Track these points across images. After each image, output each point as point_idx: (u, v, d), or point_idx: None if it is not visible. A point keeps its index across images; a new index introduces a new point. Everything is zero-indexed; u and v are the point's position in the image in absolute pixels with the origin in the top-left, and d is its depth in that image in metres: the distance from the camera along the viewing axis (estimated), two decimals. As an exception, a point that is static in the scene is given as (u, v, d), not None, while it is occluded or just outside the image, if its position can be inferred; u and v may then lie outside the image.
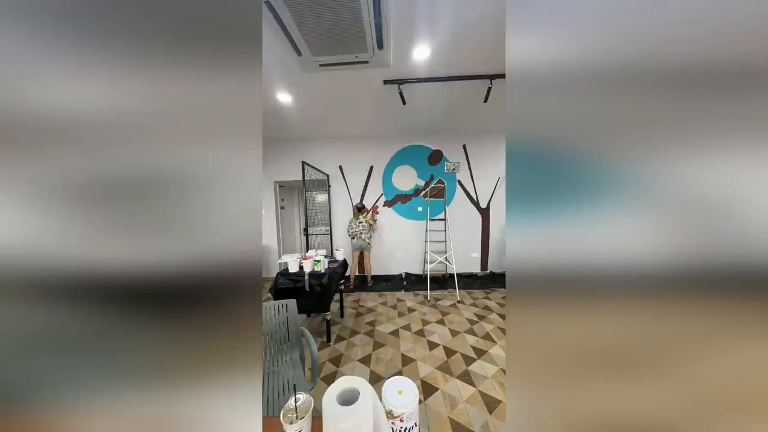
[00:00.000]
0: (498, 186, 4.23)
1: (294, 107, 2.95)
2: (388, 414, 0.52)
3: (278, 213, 4.43)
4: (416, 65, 2.16)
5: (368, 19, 1.54)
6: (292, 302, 1.49)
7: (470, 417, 1.46)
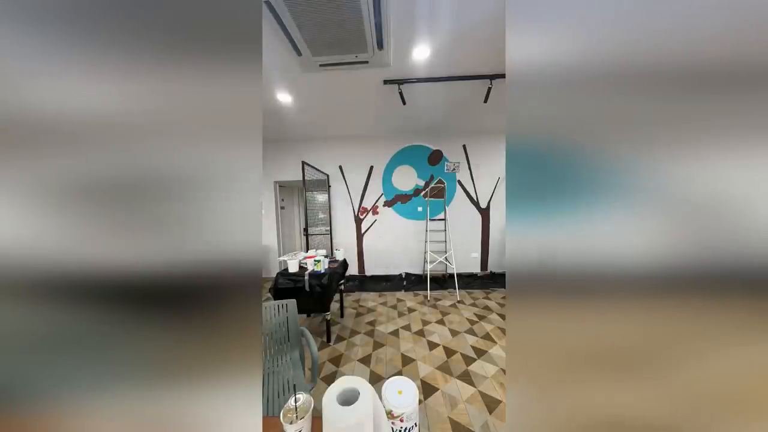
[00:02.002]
0: (498, 186, 4.23)
1: (294, 107, 2.95)
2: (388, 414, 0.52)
3: (278, 213, 4.43)
4: (416, 65, 2.15)
5: (368, 19, 1.54)
6: (292, 302, 1.49)
7: (470, 417, 1.46)
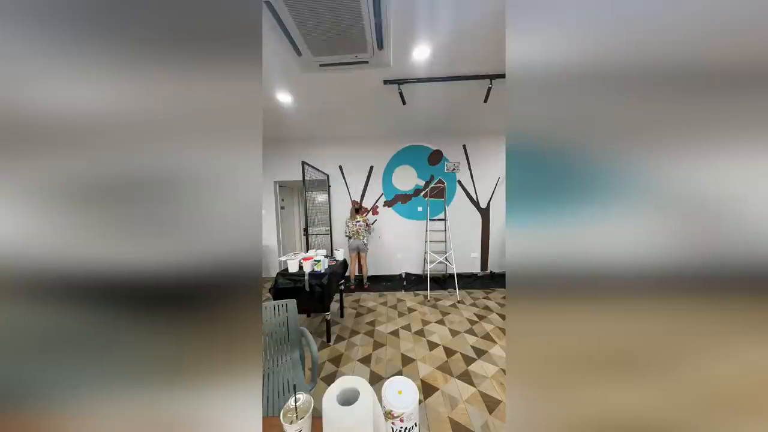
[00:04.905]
0: (498, 186, 4.23)
1: (294, 107, 2.95)
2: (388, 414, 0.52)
3: (278, 213, 4.43)
4: (416, 65, 2.15)
5: (368, 19, 1.54)
6: (292, 302, 1.49)
7: (470, 417, 1.46)
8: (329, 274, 2.27)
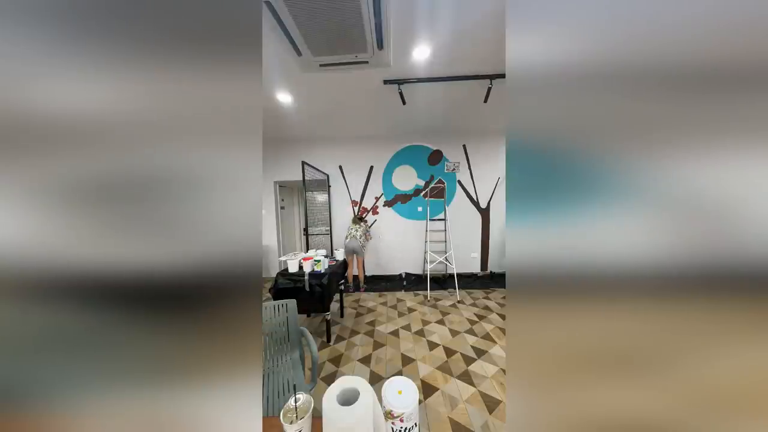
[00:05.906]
0: (498, 186, 4.23)
1: (294, 107, 2.95)
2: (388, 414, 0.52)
3: (278, 213, 4.43)
4: (416, 65, 2.15)
5: (368, 19, 1.54)
6: (292, 302, 1.49)
7: (470, 417, 1.46)
8: (329, 274, 2.27)
